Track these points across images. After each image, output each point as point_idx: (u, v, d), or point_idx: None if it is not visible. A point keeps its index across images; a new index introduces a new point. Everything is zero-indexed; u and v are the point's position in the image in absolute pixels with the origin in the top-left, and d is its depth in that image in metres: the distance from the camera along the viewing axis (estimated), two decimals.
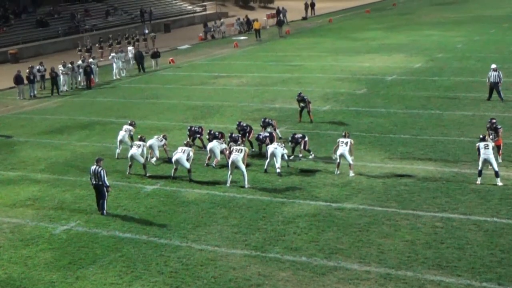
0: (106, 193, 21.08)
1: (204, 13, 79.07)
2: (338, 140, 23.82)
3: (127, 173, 24.44)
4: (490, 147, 21.62)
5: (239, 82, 41.03)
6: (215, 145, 24.84)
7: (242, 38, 62.85)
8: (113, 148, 27.53)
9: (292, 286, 16.07)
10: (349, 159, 23.31)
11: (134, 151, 23.88)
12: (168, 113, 34.04)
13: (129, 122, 27.90)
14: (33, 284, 16.69)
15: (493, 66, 34.33)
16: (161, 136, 26.32)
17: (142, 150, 24.10)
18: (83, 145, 29.09)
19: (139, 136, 25.26)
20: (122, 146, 26.72)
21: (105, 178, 20.87)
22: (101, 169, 20.87)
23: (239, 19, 69.83)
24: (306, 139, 25.28)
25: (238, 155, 22.32)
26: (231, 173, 22.82)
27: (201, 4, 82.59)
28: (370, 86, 37.31)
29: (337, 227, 19.23)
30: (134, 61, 48.26)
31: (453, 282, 15.74)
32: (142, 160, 24.05)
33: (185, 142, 24.29)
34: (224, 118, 31.76)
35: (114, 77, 45.59)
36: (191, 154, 23.47)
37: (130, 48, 50.67)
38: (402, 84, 37.58)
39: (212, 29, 65.63)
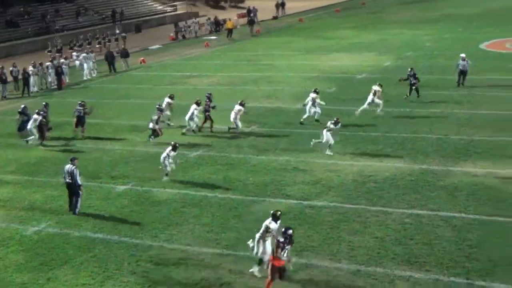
0: (80, 192, 21.04)
1: (174, 13, 78.90)
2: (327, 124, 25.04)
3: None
4: None
5: (210, 81, 41.01)
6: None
7: (213, 37, 62.80)
8: (84, 148, 27.40)
9: (263, 284, 16.03)
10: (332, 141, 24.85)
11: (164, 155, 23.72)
12: (140, 112, 33.80)
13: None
14: (4, 286, 16.55)
15: (462, 55, 35.02)
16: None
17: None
18: (54, 145, 28.86)
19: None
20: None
21: (78, 177, 20.86)
22: (75, 168, 20.91)
23: (209, 18, 69.85)
24: None
25: None
26: None
27: (171, 4, 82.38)
28: (340, 85, 37.50)
29: (308, 224, 19.31)
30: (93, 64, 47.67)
31: (422, 278, 15.89)
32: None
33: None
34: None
35: (85, 78, 45.32)
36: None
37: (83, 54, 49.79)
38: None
39: (183, 29, 65.51)
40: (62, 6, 71.43)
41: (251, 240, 15.86)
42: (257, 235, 15.87)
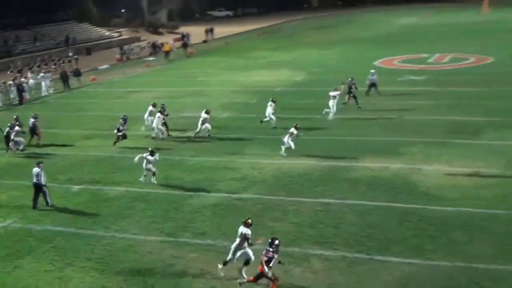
0: (46, 190, 20.88)
1: (120, 38, 78.06)
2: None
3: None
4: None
5: (152, 95, 40.66)
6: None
7: (152, 59, 62.37)
8: (43, 155, 26.89)
9: (200, 265, 16.19)
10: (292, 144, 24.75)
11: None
12: (92, 123, 33.46)
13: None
14: None
15: (372, 70, 35.85)
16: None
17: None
18: (17, 153, 28.18)
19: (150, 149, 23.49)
20: None
21: (43, 178, 20.75)
22: (41, 170, 20.83)
23: (149, 42, 69.42)
24: None
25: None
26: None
27: (117, 30, 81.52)
28: (261, 97, 37.67)
29: (236, 214, 19.39)
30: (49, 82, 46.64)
31: (331, 255, 16.22)
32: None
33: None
34: (139, 126, 31.47)
35: (43, 94, 44.41)
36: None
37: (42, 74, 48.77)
38: (287, 94, 38.20)
39: (127, 52, 64.94)
40: (22, 32, 69.59)
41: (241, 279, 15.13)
42: (234, 244, 15.28)
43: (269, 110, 29.43)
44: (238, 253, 15.17)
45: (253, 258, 15.08)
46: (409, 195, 20.22)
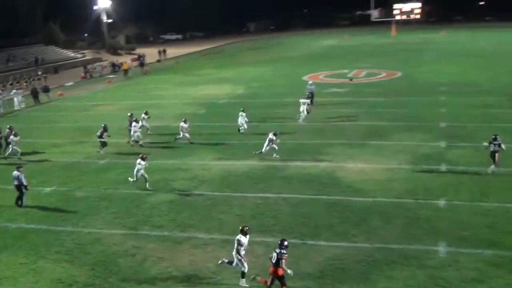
0: (25, 191, 20.51)
1: (83, 58, 76.46)
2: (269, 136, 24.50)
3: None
4: None
5: (113, 108, 40.08)
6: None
7: (113, 76, 61.34)
8: (17, 162, 26.02)
9: (159, 253, 16.04)
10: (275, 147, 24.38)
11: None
12: (61, 133, 32.63)
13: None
14: None
15: (310, 82, 36.09)
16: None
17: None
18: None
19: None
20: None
21: (23, 180, 20.41)
22: (21, 174, 20.41)
23: (110, 62, 68.34)
24: None
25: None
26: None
27: (81, 52, 79.96)
28: (208, 108, 37.67)
29: (189, 209, 19.32)
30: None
31: (271, 241, 16.24)
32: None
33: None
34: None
35: (16, 108, 43.06)
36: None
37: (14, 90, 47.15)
38: (230, 105, 38.19)
39: (90, 70, 63.70)
40: None
41: (223, 258, 14.58)
42: (234, 252, 14.08)
43: (241, 119, 29.16)
44: (235, 260, 14.06)
45: (246, 269, 14.03)
46: (335, 189, 20.48)
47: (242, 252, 13.92)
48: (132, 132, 28.35)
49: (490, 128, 27.66)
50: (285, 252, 13.10)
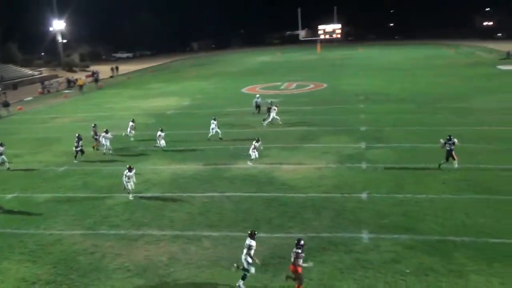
0: None
1: (41, 75, 73.74)
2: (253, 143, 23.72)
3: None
4: None
5: (70, 120, 38.86)
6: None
7: (69, 91, 59.47)
8: None
9: (116, 250, 15.70)
10: (256, 154, 23.61)
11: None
12: (21, 144, 31.25)
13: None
14: None
15: (257, 95, 36.03)
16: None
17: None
18: None
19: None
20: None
21: None
22: None
23: (66, 78, 66.22)
24: None
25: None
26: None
27: (38, 69, 77.17)
28: (157, 118, 37.15)
29: (142, 209, 18.98)
30: None
31: (217, 235, 16.25)
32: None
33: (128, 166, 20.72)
34: (61, 145, 29.95)
35: None
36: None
37: None
38: (178, 115, 37.87)
39: (47, 86, 61.50)
40: None
41: (234, 265, 13.68)
42: (243, 256, 13.25)
43: (212, 126, 28.60)
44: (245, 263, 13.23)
45: (250, 273, 13.27)
46: (272, 187, 20.62)
47: (252, 253, 13.16)
48: (103, 141, 27.23)
49: (402, 130, 28.65)
50: (300, 251, 12.59)
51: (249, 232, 13.50)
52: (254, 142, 23.84)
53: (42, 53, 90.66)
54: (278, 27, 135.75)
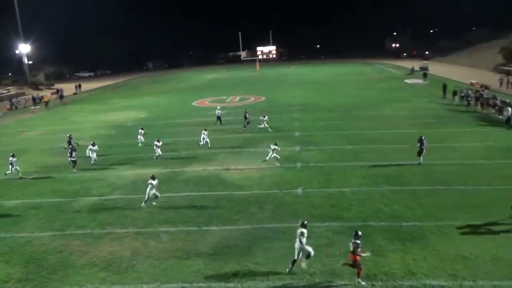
0: None
1: (9, 93, 69.99)
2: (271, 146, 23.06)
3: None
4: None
5: (37, 133, 37.11)
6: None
7: (36, 107, 56.80)
8: None
9: (83, 248, 15.13)
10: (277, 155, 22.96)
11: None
12: None
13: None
14: None
15: (218, 107, 35.53)
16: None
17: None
18: None
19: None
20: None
21: None
22: None
23: (32, 96, 63.10)
24: None
25: None
26: None
27: (6, 88, 73.23)
28: (117, 130, 36.18)
29: (107, 210, 18.40)
30: None
31: (174, 230, 16.02)
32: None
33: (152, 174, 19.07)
34: (29, 155, 28.50)
35: None
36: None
37: None
38: (136, 126, 36.99)
39: (15, 103, 58.51)
40: None
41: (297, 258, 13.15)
42: (297, 243, 12.91)
43: (203, 136, 27.39)
44: (302, 250, 12.96)
45: (312, 252, 13.07)
46: (221, 186, 20.54)
47: (304, 241, 12.90)
48: (90, 153, 25.58)
49: (329, 135, 29.30)
50: (359, 241, 12.25)
51: (302, 222, 13.28)
52: (272, 145, 23.11)
53: (9, 74, 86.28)
54: (223, 48, 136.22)
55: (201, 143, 27.60)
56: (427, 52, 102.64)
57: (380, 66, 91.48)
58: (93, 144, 25.82)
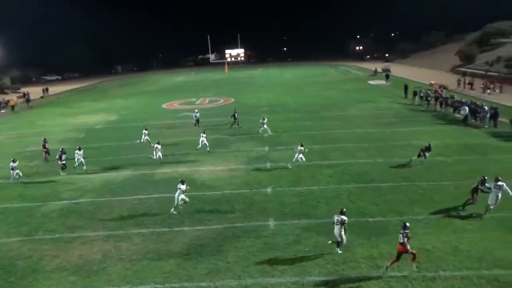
0: None
1: None
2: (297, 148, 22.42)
3: None
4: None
5: (3, 138, 35.77)
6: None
7: (1, 111, 54.81)
8: None
9: (53, 252, 14.72)
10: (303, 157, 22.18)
11: None
12: None
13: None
14: None
15: (196, 110, 35.02)
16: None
17: None
18: None
19: None
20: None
21: None
22: None
23: None
24: None
25: None
26: None
27: None
28: (87, 133, 35.35)
29: (76, 214, 17.95)
30: None
31: (146, 231, 15.80)
32: None
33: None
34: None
35: None
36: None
37: None
38: (106, 129, 36.31)
39: None
40: None
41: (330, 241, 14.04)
42: (336, 229, 13.64)
43: (202, 139, 26.35)
44: (343, 235, 13.67)
45: (345, 241, 13.72)
46: (192, 187, 20.23)
47: (338, 226, 13.62)
48: (76, 158, 24.42)
49: (297, 135, 29.54)
50: (408, 231, 12.44)
51: (341, 210, 13.82)
52: (299, 146, 22.46)
53: None
54: (191, 51, 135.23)
55: (199, 146, 26.40)
56: (387, 55, 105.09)
57: (345, 68, 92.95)
58: (79, 149, 24.58)
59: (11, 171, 22.88)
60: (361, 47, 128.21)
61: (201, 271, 13.20)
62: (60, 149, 24.70)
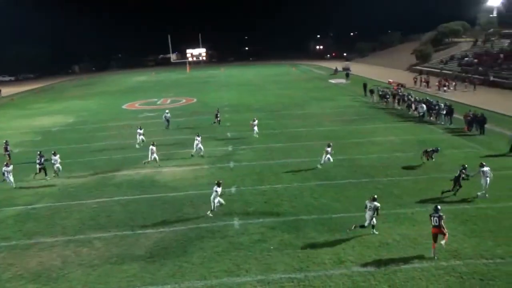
0: None
1: None
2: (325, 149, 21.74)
3: None
4: None
5: None
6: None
7: None
8: None
9: (9, 260, 14.12)
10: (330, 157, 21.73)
11: None
12: None
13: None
14: None
15: (167, 111, 34.53)
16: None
17: None
18: None
19: None
20: None
21: None
22: None
23: None
24: None
25: None
26: None
27: None
28: (43, 135, 34.10)
29: (33, 219, 17.30)
30: None
31: (107, 235, 15.43)
32: None
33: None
34: None
35: None
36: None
37: None
38: (63, 131, 35.15)
39: None
40: None
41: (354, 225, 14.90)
42: (367, 214, 14.51)
43: (196, 142, 25.01)
44: (373, 219, 14.54)
45: (375, 223, 14.66)
46: (155, 188, 20.07)
47: (370, 212, 14.45)
48: (53, 163, 23.00)
49: (261, 134, 29.61)
50: (442, 214, 13.10)
51: (374, 196, 14.61)
52: (326, 147, 21.85)
53: None
54: (152, 51, 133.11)
55: (194, 150, 24.84)
56: (345, 54, 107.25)
57: (306, 67, 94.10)
58: (55, 154, 23.24)
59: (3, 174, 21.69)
60: (321, 47, 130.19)
61: (166, 273, 13.00)
62: (38, 152, 23.31)
